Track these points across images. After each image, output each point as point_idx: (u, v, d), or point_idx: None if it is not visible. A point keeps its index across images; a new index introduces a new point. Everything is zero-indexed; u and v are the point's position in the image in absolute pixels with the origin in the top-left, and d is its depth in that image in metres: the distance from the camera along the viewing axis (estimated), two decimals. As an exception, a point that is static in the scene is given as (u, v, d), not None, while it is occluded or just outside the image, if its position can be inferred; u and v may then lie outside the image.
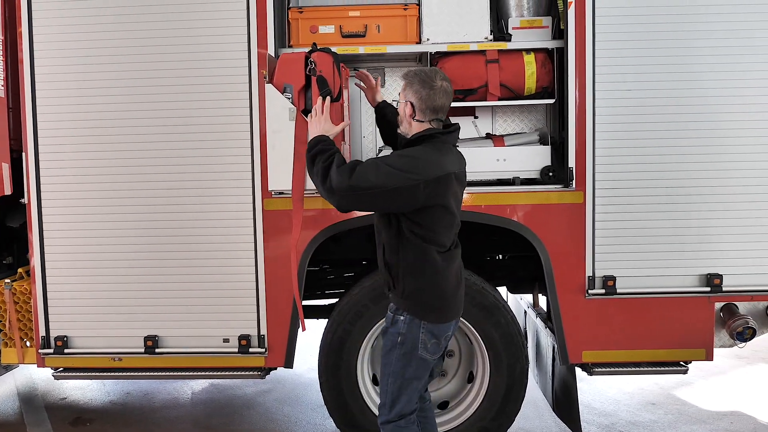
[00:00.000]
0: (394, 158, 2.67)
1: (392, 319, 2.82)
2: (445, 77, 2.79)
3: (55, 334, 3.77)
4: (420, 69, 2.82)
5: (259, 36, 3.57)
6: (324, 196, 2.69)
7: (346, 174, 2.58)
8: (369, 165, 2.61)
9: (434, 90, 2.73)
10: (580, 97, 3.53)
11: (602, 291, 3.58)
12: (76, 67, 3.64)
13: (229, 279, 3.68)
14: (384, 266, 2.83)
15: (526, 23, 3.69)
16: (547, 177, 3.65)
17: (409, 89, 2.79)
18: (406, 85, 2.81)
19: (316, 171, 2.67)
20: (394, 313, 2.82)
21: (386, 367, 2.83)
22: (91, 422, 4.57)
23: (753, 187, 3.55)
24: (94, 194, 3.69)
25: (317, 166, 2.67)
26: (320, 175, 2.64)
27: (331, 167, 2.62)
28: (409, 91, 2.79)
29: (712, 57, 3.52)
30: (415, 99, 2.76)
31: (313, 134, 2.84)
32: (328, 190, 2.62)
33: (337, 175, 2.59)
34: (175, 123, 3.63)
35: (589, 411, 4.61)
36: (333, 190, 2.60)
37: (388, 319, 2.85)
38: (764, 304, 3.70)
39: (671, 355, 3.65)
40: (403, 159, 2.64)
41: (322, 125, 2.87)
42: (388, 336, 2.83)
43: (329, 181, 2.60)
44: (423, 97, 2.74)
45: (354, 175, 2.57)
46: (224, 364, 3.75)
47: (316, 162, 2.68)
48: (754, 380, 5.27)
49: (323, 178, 2.63)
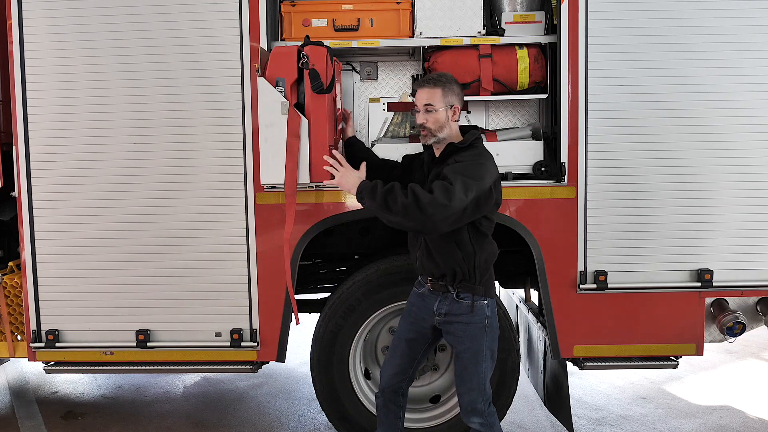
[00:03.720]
0: (464, 168, 2.76)
1: (471, 307, 2.91)
2: None
3: (46, 328, 3.75)
4: (441, 73, 2.91)
5: (252, 29, 3.55)
6: (415, 228, 2.73)
7: (444, 199, 2.64)
8: (457, 183, 2.68)
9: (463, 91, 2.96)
10: (573, 93, 3.54)
11: (594, 286, 3.60)
12: (66, 60, 3.62)
13: (222, 273, 3.67)
14: (452, 262, 2.89)
15: (519, 18, 3.69)
16: (540, 172, 3.66)
17: (449, 93, 2.88)
18: (443, 91, 2.87)
19: (399, 210, 2.69)
20: (471, 300, 2.91)
21: (476, 356, 2.93)
22: (82, 416, 4.56)
23: (744, 183, 3.57)
24: (86, 187, 3.67)
25: (396, 205, 2.70)
26: (410, 210, 2.66)
27: (418, 200, 2.65)
28: (450, 95, 2.88)
29: (705, 53, 3.52)
30: (458, 100, 2.92)
31: (353, 185, 2.90)
32: (426, 219, 2.65)
33: (433, 203, 2.64)
34: (166, 116, 3.61)
35: (580, 405, 4.63)
36: (434, 218, 2.65)
37: (463, 308, 2.92)
38: (754, 299, 3.74)
39: (662, 350, 3.67)
40: (476, 167, 2.78)
41: (350, 173, 2.97)
42: (471, 326, 2.93)
43: (425, 212, 2.64)
44: (462, 97, 2.92)
45: (453, 199, 2.65)
46: (216, 358, 3.74)
47: (391, 202, 2.72)
48: (743, 375, 5.31)
49: (416, 212, 2.65)
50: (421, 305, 3.09)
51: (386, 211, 2.74)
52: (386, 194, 2.74)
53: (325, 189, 3.58)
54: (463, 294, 2.93)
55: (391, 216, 2.74)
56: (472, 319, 2.93)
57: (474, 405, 2.96)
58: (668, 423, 4.35)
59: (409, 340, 3.14)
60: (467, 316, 2.93)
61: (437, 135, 2.92)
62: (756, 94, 3.53)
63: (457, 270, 2.91)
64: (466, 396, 2.98)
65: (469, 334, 2.95)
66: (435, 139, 2.94)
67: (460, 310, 2.94)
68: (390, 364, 3.18)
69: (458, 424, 3.75)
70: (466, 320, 2.94)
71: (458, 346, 2.99)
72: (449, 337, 3.05)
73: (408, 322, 3.16)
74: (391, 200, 2.71)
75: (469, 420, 3.00)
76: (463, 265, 2.90)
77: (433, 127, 2.91)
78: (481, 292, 2.94)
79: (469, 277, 2.92)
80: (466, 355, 2.96)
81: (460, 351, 2.97)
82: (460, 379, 3.00)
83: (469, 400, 2.97)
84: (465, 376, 2.97)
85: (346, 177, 2.96)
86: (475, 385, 2.95)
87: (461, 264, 2.90)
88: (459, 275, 2.91)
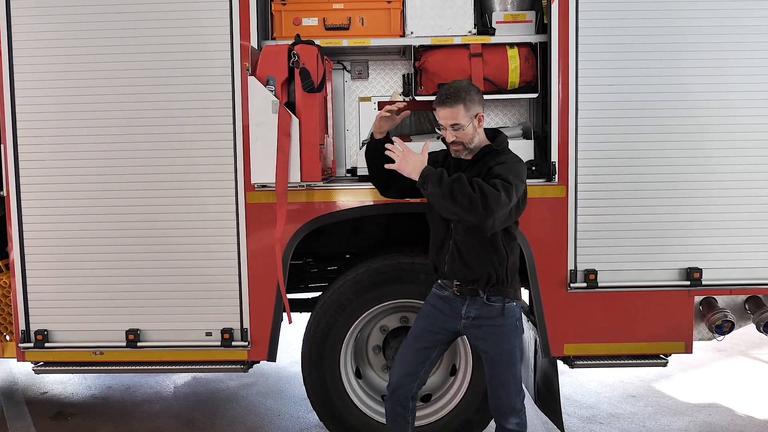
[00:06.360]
0: (513, 170, 2.78)
1: (502, 309, 2.91)
2: None
3: (35, 328, 3.73)
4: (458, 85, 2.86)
5: (242, 28, 3.54)
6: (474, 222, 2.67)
7: (507, 198, 2.65)
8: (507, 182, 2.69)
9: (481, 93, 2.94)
10: (563, 92, 3.55)
11: (584, 285, 3.61)
12: (55, 58, 3.59)
13: (212, 272, 3.66)
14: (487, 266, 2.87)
15: (510, 17, 3.70)
16: (530, 171, 3.66)
17: (471, 105, 2.84)
18: (465, 106, 2.82)
19: (465, 202, 2.62)
20: (503, 303, 2.91)
21: (511, 358, 2.93)
22: (72, 416, 4.54)
23: (733, 183, 3.59)
24: (75, 186, 3.64)
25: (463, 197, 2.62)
26: (475, 203, 2.61)
27: (485, 195, 2.61)
28: (472, 107, 2.84)
29: (694, 53, 3.54)
30: (481, 107, 2.90)
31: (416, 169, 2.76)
32: (489, 215, 2.63)
33: (498, 201, 2.62)
34: (156, 116, 3.60)
35: (571, 403, 4.65)
36: (495, 215, 2.65)
37: (495, 311, 2.91)
38: (742, 297, 3.76)
39: (651, 348, 3.69)
40: (515, 169, 2.79)
41: (413, 156, 2.79)
42: (504, 328, 2.93)
43: (489, 208, 2.61)
44: (482, 100, 2.92)
45: (512, 199, 2.68)
46: (207, 357, 3.73)
47: (457, 192, 2.63)
48: (732, 373, 5.34)
49: (481, 206, 2.61)
50: (444, 308, 3.02)
51: (450, 201, 2.64)
52: (453, 183, 2.65)
53: (315, 188, 3.58)
54: (494, 297, 2.91)
55: (453, 206, 2.64)
56: (505, 322, 2.92)
57: (513, 405, 2.95)
58: (658, 421, 4.38)
59: (425, 340, 3.07)
60: (499, 318, 2.91)
61: (469, 147, 2.89)
62: (745, 93, 3.55)
63: (492, 273, 2.88)
64: (505, 398, 2.95)
65: (503, 337, 2.93)
66: (468, 150, 2.91)
67: (492, 313, 2.92)
68: (401, 363, 3.10)
69: (451, 422, 3.76)
70: (498, 323, 2.92)
71: (492, 350, 2.95)
72: (479, 342, 3.00)
73: (426, 322, 3.08)
74: (457, 190, 2.62)
75: (506, 421, 2.97)
76: (499, 268, 2.88)
77: (465, 141, 2.87)
78: (512, 294, 2.93)
79: (502, 281, 2.90)
80: (502, 358, 2.93)
81: (495, 354, 2.94)
82: (498, 383, 2.96)
83: (508, 401, 2.95)
84: (503, 379, 2.95)
85: (408, 160, 2.78)
86: (513, 387, 2.94)
87: (497, 267, 2.87)
88: (493, 279, 2.88)
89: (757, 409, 4.53)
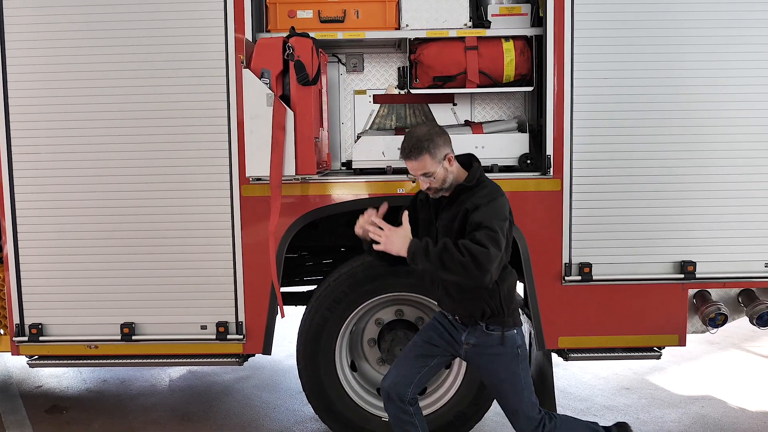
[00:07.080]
0: (492, 212, 2.73)
1: (501, 338, 2.87)
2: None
3: (29, 322, 3.72)
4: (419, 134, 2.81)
5: (237, 20, 3.52)
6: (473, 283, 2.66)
7: (496, 250, 2.61)
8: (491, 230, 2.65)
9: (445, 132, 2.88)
10: (559, 85, 3.55)
11: (578, 278, 3.62)
12: (48, 51, 3.57)
13: (207, 266, 3.66)
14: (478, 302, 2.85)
15: (506, 10, 3.69)
16: (525, 164, 3.67)
17: (436, 151, 2.79)
18: (430, 154, 2.77)
19: (457, 269, 2.61)
20: (501, 332, 2.87)
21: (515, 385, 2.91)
22: (67, 410, 4.53)
23: (727, 177, 3.60)
24: (69, 180, 3.63)
25: (454, 264, 2.60)
26: (468, 268, 2.58)
27: (475, 257, 2.57)
28: (438, 151, 2.80)
29: (690, 47, 3.54)
30: (448, 148, 2.86)
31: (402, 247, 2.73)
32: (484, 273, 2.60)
33: (488, 257, 2.59)
34: (151, 109, 3.58)
35: (565, 396, 4.67)
36: (491, 271, 2.61)
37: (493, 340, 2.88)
38: (736, 290, 3.78)
39: (645, 341, 3.71)
40: (494, 210, 2.75)
41: (395, 234, 2.77)
42: (503, 357, 2.90)
43: (482, 268, 2.58)
44: (449, 139, 2.86)
45: (500, 247, 2.65)
46: (202, 350, 3.73)
47: (447, 262, 2.62)
48: (725, 365, 5.37)
49: (475, 269, 2.58)
50: (449, 328, 3.03)
51: (443, 271, 2.63)
52: (441, 254, 2.63)
53: (310, 181, 3.57)
54: (492, 327, 2.88)
55: (448, 275, 2.65)
56: (504, 350, 2.89)
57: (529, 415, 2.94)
58: (651, 413, 4.40)
59: (425, 349, 3.06)
60: (498, 347, 2.89)
61: (444, 186, 2.86)
62: (742, 87, 3.56)
63: (486, 308, 2.85)
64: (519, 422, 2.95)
65: (502, 366, 2.91)
66: (443, 191, 2.89)
67: (490, 341, 2.89)
68: (398, 366, 3.07)
69: (446, 414, 3.77)
70: (498, 351, 2.90)
71: (492, 379, 2.96)
72: (481, 371, 3.02)
73: (430, 335, 3.08)
74: (447, 260, 2.61)
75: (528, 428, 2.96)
76: (489, 302, 2.84)
77: (438, 185, 2.85)
78: (510, 323, 2.89)
79: (498, 312, 2.87)
80: (504, 386, 2.93)
81: (497, 383, 2.94)
82: (505, 407, 2.98)
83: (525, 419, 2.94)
84: (509, 405, 2.95)
85: (393, 239, 2.76)
86: (521, 406, 2.93)
87: (488, 302, 2.84)
88: (488, 312, 2.86)
89: (750, 401, 4.55)
